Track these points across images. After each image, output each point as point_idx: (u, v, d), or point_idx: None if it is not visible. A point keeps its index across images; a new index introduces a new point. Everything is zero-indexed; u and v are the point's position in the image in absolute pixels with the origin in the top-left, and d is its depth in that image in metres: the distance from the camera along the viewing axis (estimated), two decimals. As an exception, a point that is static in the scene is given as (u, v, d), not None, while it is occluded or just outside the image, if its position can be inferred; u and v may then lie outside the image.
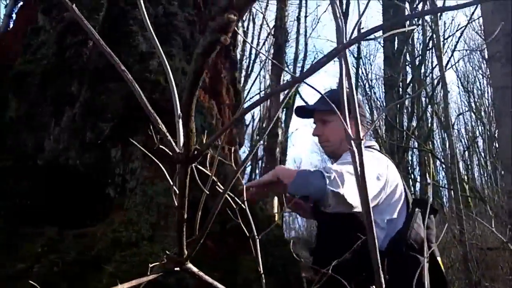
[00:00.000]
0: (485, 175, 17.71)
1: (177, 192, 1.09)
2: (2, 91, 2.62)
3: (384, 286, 1.13)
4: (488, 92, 17.35)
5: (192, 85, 0.72)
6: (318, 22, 36.97)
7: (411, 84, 14.87)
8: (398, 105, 12.13)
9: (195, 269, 1.08)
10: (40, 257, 2.08)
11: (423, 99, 15.81)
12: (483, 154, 17.71)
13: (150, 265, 1.48)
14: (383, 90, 14.20)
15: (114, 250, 2.06)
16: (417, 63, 13.63)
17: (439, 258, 2.14)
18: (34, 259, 2.08)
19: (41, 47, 2.52)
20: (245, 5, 0.59)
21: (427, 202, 2.05)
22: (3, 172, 2.30)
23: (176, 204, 1.06)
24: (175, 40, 2.67)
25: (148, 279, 1.07)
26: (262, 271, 1.55)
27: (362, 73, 15.40)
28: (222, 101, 3.29)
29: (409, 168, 16.24)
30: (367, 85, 15.34)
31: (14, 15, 3.13)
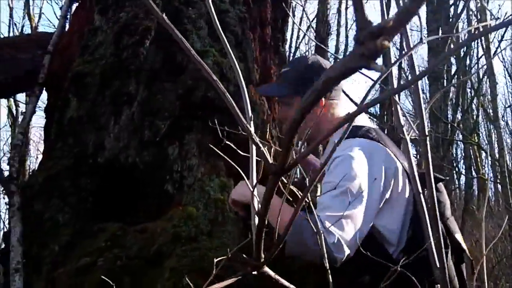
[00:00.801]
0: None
1: (257, 200, 1.12)
2: (61, 92, 2.70)
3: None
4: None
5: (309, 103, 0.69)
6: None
7: (456, 76, 14.59)
8: (443, 97, 11.90)
9: (272, 273, 1.11)
10: (103, 251, 2.15)
11: (469, 90, 15.49)
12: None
13: (216, 259, 1.52)
14: (427, 82, 13.95)
15: (175, 245, 2.12)
16: (462, 54, 13.36)
17: (457, 235, 1.99)
18: (98, 254, 2.15)
19: (98, 47, 2.60)
20: (399, 28, 0.54)
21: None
22: (65, 170, 2.39)
23: (257, 210, 1.09)
24: (228, 38, 2.69)
25: (228, 282, 1.10)
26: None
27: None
28: (272, 99, 3.32)
29: (454, 161, 15.95)
30: (410, 77, 15.10)
31: (69, 16, 3.22)
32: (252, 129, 1.02)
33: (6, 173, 2.46)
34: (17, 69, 2.84)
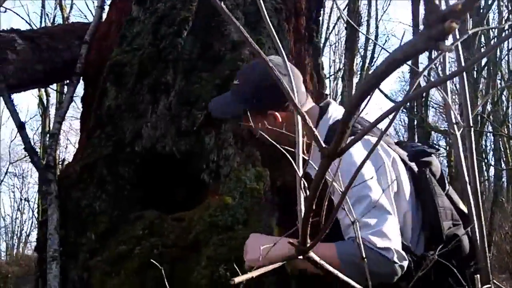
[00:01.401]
0: None
1: (305, 183, 1.11)
2: (99, 81, 2.74)
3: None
4: None
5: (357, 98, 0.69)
6: (389, 4, 36.26)
7: (487, 67, 14.35)
8: (473, 89, 11.73)
9: (317, 258, 1.11)
10: (141, 239, 2.18)
11: (499, 82, 15.23)
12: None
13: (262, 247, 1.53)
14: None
15: (211, 233, 2.13)
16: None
17: (460, 205, 2.00)
18: (135, 242, 2.18)
19: (136, 37, 2.62)
20: (466, 12, 0.55)
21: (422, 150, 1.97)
22: (103, 159, 2.42)
23: (303, 195, 1.09)
24: (264, 28, 2.70)
25: (274, 267, 1.11)
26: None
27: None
28: (307, 88, 3.30)
29: (483, 153, 15.74)
30: (439, 68, 14.89)
31: (106, 7, 3.25)
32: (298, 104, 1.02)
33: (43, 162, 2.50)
34: (55, 59, 2.87)
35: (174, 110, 2.43)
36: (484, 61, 13.81)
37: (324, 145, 0.82)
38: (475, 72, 13.03)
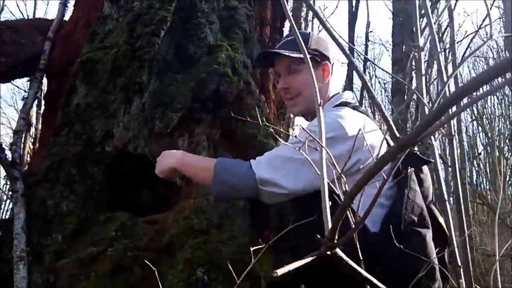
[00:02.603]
0: None
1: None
2: (64, 78, 2.66)
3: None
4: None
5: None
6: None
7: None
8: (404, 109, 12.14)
9: (343, 255, 1.12)
10: (113, 241, 2.12)
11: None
12: None
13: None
14: (389, 94, 14.17)
15: (187, 237, 2.10)
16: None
17: (440, 219, 1.98)
18: (107, 243, 2.12)
19: (108, 35, 2.56)
20: None
21: (417, 156, 1.91)
22: (72, 157, 2.35)
23: (344, 190, 1.09)
24: (237, 34, 2.71)
25: (305, 261, 1.11)
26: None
27: (372, 75, 15.43)
28: (269, 97, 3.33)
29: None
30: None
31: (69, 4, 3.16)
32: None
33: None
34: (18, 53, 2.77)
35: (148, 111, 2.39)
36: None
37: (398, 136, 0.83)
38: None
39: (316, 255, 1.12)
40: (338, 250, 1.09)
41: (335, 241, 1.07)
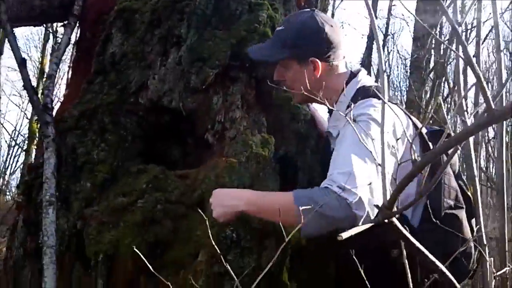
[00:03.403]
0: None
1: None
2: (99, 26, 2.62)
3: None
4: None
5: None
6: (346, -5, 36.32)
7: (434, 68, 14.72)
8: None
9: (399, 225, 1.10)
10: (144, 193, 2.11)
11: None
12: None
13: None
14: (408, 70, 14.05)
15: (217, 194, 2.09)
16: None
17: (469, 193, 1.98)
18: (138, 194, 2.11)
19: (148, -15, 2.51)
20: None
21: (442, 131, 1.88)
22: (105, 106, 2.32)
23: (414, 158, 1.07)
24: (276, -6, 2.65)
25: (364, 228, 1.09)
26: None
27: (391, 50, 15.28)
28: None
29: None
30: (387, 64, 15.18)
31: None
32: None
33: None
34: (51, -2, 2.72)
35: (185, 65, 2.35)
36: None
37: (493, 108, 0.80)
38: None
39: (374, 223, 1.10)
40: (394, 219, 1.08)
41: (394, 210, 1.06)
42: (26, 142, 13.19)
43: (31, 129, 13.04)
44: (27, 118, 14.57)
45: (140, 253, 1.53)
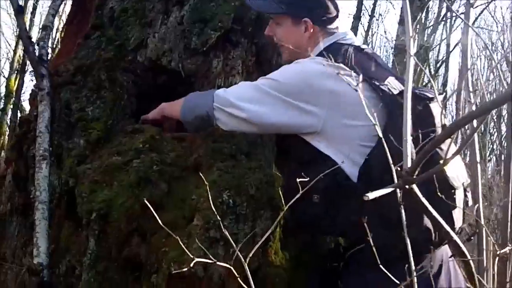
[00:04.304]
0: None
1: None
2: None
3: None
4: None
5: None
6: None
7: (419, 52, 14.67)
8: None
9: (418, 192, 1.08)
10: (140, 153, 2.06)
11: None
12: None
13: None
14: (393, 52, 14.06)
15: (214, 159, 2.06)
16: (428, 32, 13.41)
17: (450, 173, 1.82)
18: (133, 154, 2.06)
19: None
20: None
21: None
22: (102, 62, 2.26)
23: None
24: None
25: (385, 191, 1.07)
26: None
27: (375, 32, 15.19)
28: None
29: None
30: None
31: None
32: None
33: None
34: None
35: (186, 25, 2.28)
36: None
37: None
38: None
39: (394, 187, 1.08)
40: (414, 186, 1.06)
41: (414, 176, 1.03)
42: (3, 100, 12.91)
43: (8, 88, 12.80)
44: (4, 77, 14.21)
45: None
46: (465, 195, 1.87)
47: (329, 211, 1.86)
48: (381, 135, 1.48)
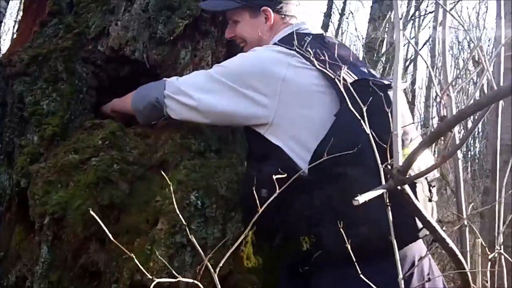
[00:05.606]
0: None
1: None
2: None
3: None
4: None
5: None
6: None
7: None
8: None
9: (410, 193, 0.94)
10: (99, 151, 1.88)
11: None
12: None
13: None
14: (363, 50, 14.08)
15: (182, 157, 1.89)
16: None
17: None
18: (92, 152, 1.88)
19: None
20: None
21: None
22: (59, 52, 2.07)
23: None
24: None
25: (375, 193, 0.92)
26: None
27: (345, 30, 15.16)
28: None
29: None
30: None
31: None
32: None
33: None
34: None
35: (152, 13, 2.11)
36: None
37: None
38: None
39: (385, 189, 0.94)
40: (406, 187, 0.92)
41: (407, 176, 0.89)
42: None
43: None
44: None
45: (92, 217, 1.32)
46: (429, 190, 1.74)
47: (279, 206, 1.71)
48: (368, 131, 1.35)
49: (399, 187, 0.89)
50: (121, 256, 1.70)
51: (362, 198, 0.81)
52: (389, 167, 0.91)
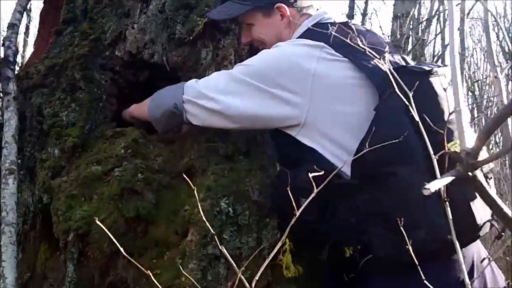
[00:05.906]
0: None
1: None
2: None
3: None
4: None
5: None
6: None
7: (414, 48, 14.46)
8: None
9: (482, 179, 0.81)
10: (122, 160, 1.79)
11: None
12: None
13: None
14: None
15: (209, 161, 1.78)
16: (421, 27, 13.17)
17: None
18: (115, 162, 1.78)
19: None
20: None
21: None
22: (76, 60, 1.99)
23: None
24: None
25: (447, 180, 0.79)
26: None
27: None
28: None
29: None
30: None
31: None
32: None
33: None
34: None
35: (169, 13, 2.02)
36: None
37: None
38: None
39: (454, 176, 0.81)
40: (477, 172, 0.79)
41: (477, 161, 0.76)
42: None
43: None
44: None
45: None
46: (487, 183, 1.58)
47: (322, 214, 1.58)
48: (417, 118, 1.22)
49: (469, 173, 0.75)
50: (151, 271, 1.59)
51: (432, 186, 0.69)
52: (450, 152, 0.79)
